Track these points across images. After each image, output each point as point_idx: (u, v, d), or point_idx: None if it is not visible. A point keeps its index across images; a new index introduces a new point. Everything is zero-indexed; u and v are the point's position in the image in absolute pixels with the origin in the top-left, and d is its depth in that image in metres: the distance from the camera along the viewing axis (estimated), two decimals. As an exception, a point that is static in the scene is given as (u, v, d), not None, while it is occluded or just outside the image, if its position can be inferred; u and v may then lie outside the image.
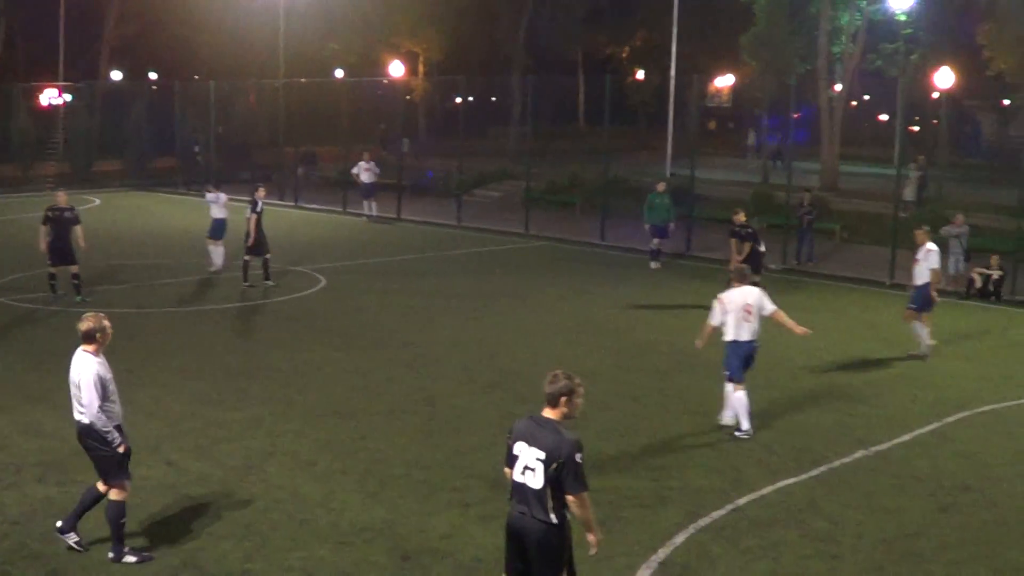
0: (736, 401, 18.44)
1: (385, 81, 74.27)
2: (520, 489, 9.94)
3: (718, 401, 19.81)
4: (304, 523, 13.91)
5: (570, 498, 9.82)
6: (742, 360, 18.50)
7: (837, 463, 17.07)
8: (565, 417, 10.10)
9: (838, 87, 60.19)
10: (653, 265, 35.86)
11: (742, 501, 15.20)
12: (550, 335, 25.67)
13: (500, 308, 28.65)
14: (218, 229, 32.87)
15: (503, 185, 58.16)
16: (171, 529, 13.61)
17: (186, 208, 50.38)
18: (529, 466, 9.88)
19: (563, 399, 10.10)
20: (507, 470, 10.11)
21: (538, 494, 9.83)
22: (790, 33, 58.10)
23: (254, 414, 18.60)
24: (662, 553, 13.34)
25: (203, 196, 35.72)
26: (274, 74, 65.48)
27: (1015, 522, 14.80)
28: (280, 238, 39.38)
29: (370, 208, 47.65)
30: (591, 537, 10.09)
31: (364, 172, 47.60)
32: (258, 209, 30.59)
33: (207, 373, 21.21)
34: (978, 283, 32.56)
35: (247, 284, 30.53)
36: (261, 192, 31.28)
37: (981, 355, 25.28)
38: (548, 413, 10.09)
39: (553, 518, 9.85)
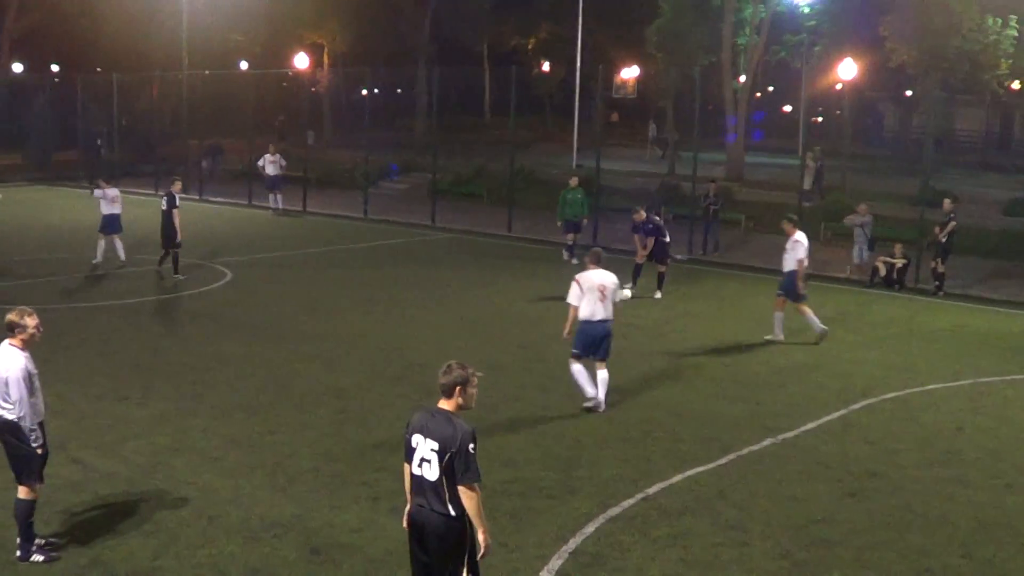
0: (575, 374, 19.14)
1: (290, 73, 73.91)
2: (418, 482, 9.94)
3: (625, 392, 20.04)
4: (213, 519, 13.78)
5: (461, 489, 9.79)
6: (592, 340, 19.01)
7: (745, 451, 17.19)
8: (460, 408, 10.02)
9: (743, 78, 60.62)
10: (566, 256, 35.62)
11: (652, 490, 15.25)
12: (457, 327, 25.65)
13: (407, 300, 28.58)
14: (108, 224, 32.66)
15: (409, 177, 58.11)
16: (78, 528, 13.42)
17: (89, 202, 49.68)
18: (425, 458, 9.87)
19: (457, 389, 10.00)
20: (406, 464, 10.09)
21: (434, 486, 9.84)
22: (695, 25, 58.42)
23: (161, 410, 18.42)
24: (573, 543, 13.35)
25: (92, 192, 35.52)
26: (177, 66, 64.88)
27: (920, 507, 14.97)
28: (185, 232, 38.97)
29: (276, 201, 47.39)
30: (480, 535, 9.99)
31: (269, 164, 47.32)
32: (177, 203, 30.89)
33: (112, 369, 20.97)
34: (882, 271, 32.92)
35: (158, 269, 31.30)
36: (177, 186, 31.88)
37: (886, 343, 25.55)
38: (443, 404, 10.04)
39: (451, 510, 9.84)
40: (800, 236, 25.29)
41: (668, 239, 30.57)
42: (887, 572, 12.88)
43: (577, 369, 19.14)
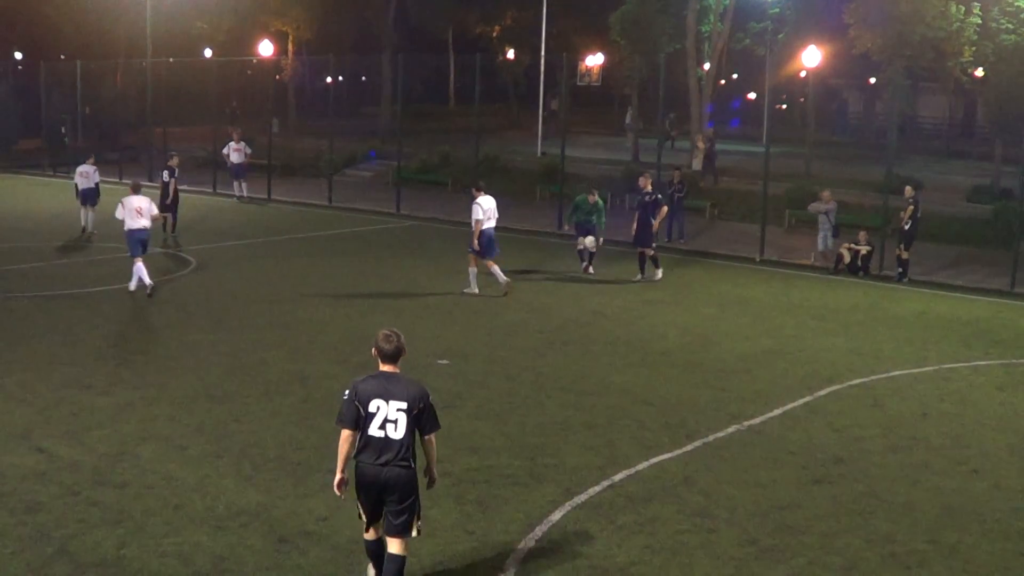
0: (137, 269, 26.53)
1: (255, 61, 73.63)
2: (380, 442, 10.95)
3: (591, 379, 20.09)
4: (179, 508, 13.73)
5: (429, 439, 11.14)
6: (137, 242, 26.63)
7: (711, 438, 17.22)
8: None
9: (707, 66, 60.65)
10: (590, 270, 31.96)
11: (618, 478, 15.27)
12: (422, 315, 25.60)
13: (372, 288, 28.53)
14: (89, 196, 37.28)
15: (374, 164, 57.96)
16: (43, 517, 13.34)
17: (53, 190, 49.55)
18: (390, 419, 10.92)
19: (401, 355, 11.23)
20: (348, 431, 11.12)
21: (400, 443, 10.92)
22: (658, 12, 58.37)
23: (126, 399, 18.34)
24: (539, 531, 13.35)
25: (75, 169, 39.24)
26: (142, 53, 64.56)
27: (885, 493, 15.02)
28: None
29: (240, 189, 47.22)
30: (435, 471, 11.43)
31: (234, 152, 47.13)
32: (176, 175, 37.20)
33: (77, 358, 20.86)
34: (847, 258, 32.99)
35: (167, 237, 35.89)
36: (175, 160, 38.31)
37: (850, 329, 25.62)
38: (390, 368, 11.21)
39: (411, 463, 11.03)
40: (481, 200, 27.95)
41: (656, 223, 30.81)
42: (853, 558, 12.93)
43: (139, 267, 26.52)
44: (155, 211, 27.40)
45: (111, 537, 12.83)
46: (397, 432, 10.91)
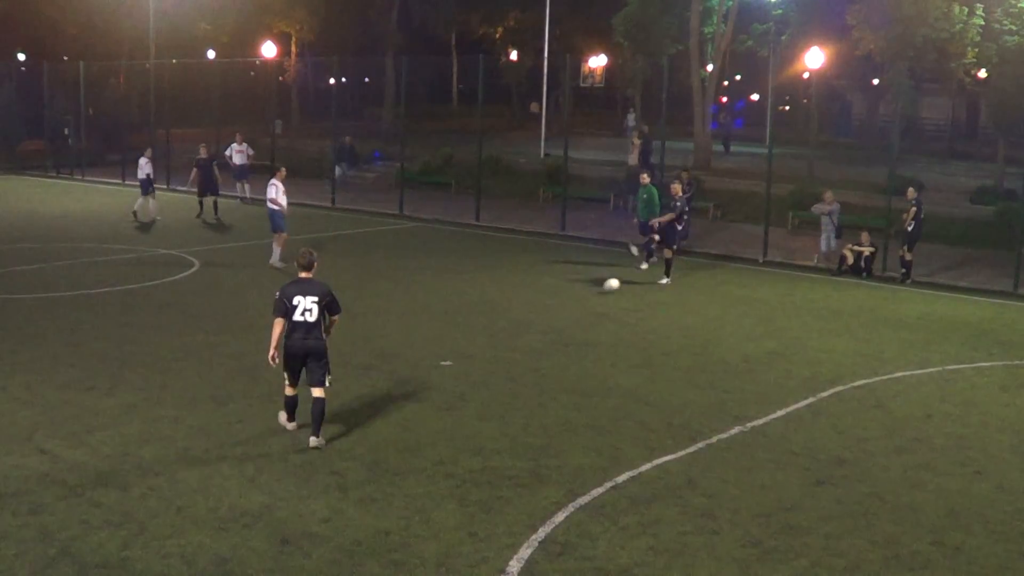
0: None
1: (258, 62, 73.65)
2: (302, 325, 16.04)
3: (594, 380, 20.06)
4: (182, 509, 13.73)
5: (334, 318, 16.48)
6: None
7: (714, 439, 17.20)
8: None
9: (710, 67, 60.69)
10: (643, 266, 32.48)
11: (621, 479, 15.25)
12: (425, 316, 25.58)
13: (375, 290, 28.51)
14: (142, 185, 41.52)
15: (377, 166, 57.96)
16: (46, 519, 13.34)
17: (56, 192, 49.58)
18: (307, 308, 16.02)
19: (315, 265, 16.44)
20: (280, 319, 16.10)
21: (314, 325, 16.08)
22: (662, 14, 58.43)
23: (129, 400, 18.33)
24: (542, 532, 13.33)
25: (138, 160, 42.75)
26: (145, 55, 64.58)
27: (889, 494, 15.00)
28: (154, 223, 38.90)
29: (243, 190, 47.19)
30: (332, 332, 16.71)
31: (236, 154, 47.10)
32: (216, 161, 41.80)
33: (80, 359, 20.85)
34: (850, 260, 32.96)
35: (203, 218, 41.16)
36: (203, 151, 42.21)
37: (854, 331, 25.58)
38: (306, 275, 16.34)
39: (323, 336, 16.23)
40: (274, 181, 31.46)
41: (681, 226, 31.07)
42: (856, 559, 12.91)
43: None
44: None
45: (114, 538, 12.82)
46: (312, 317, 16.04)
